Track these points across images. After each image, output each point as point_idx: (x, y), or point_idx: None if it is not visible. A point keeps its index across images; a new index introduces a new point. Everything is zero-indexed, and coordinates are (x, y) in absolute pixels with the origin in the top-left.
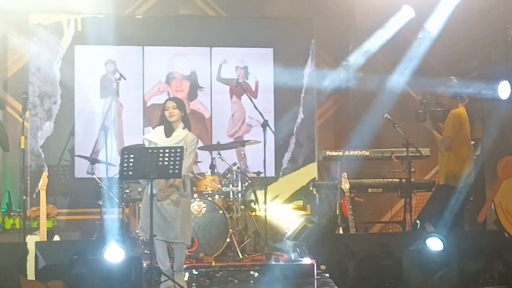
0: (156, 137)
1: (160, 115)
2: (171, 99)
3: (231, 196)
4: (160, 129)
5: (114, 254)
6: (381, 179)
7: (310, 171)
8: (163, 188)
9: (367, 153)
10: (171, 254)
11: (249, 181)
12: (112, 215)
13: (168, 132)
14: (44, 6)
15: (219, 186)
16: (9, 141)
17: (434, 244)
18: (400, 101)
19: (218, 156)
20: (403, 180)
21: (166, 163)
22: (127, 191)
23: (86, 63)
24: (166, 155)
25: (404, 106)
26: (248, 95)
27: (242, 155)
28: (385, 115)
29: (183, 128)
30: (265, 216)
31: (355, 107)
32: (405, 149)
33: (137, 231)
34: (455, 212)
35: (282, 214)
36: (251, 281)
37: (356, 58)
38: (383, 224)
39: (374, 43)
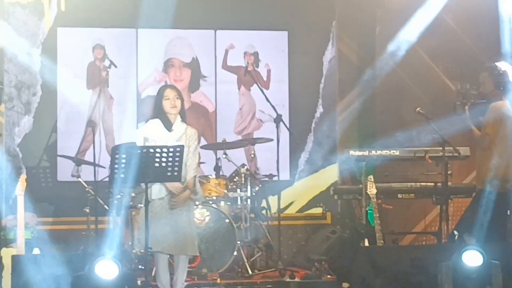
0: (154, 132)
1: (155, 106)
2: (171, 87)
3: (239, 202)
4: (157, 122)
5: (106, 269)
6: (413, 183)
7: (331, 174)
8: (178, 191)
9: (397, 153)
10: (169, 269)
11: (260, 186)
12: (100, 225)
13: (168, 126)
14: None
15: (225, 191)
16: None
17: (472, 258)
18: (435, 92)
19: (224, 156)
20: (439, 184)
21: (164, 164)
22: (118, 196)
23: (70, 48)
24: (164, 155)
25: (439, 98)
26: (258, 86)
27: (252, 155)
28: (418, 108)
29: (181, 122)
30: (279, 225)
31: (383, 99)
32: (440, 148)
33: (130, 243)
34: (498, 221)
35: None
36: None
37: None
38: (415, 235)
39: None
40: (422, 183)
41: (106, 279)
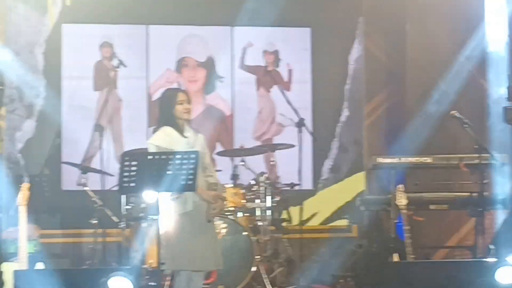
0: (168, 140)
1: (164, 111)
2: (182, 90)
3: (258, 214)
4: (168, 130)
5: (120, 287)
6: (446, 193)
7: (357, 183)
8: (214, 199)
9: (429, 160)
10: None
11: (281, 195)
12: (109, 238)
13: (181, 133)
14: None
15: (243, 201)
16: None
17: (507, 276)
18: (471, 94)
19: (242, 163)
20: (474, 194)
21: (177, 172)
22: (128, 207)
23: (76, 47)
24: (178, 161)
25: (475, 100)
26: (279, 87)
27: (272, 163)
28: (452, 112)
29: (189, 127)
30: (301, 239)
31: (414, 102)
32: (477, 155)
33: (150, 261)
34: None
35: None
36: None
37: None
38: (448, 250)
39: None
40: (456, 193)
41: None
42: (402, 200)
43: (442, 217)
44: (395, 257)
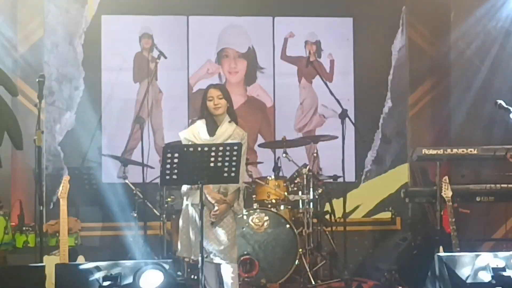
0: (196, 135)
1: (201, 106)
2: (214, 86)
3: (301, 206)
4: (201, 125)
5: (153, 279)
6: (493, 185)
7: (401, 175)
8: (218, 202)
9: (475, 152)
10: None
11: (323, 188)
12: (150, 230)
13: (212, 130)
14: None
15: (285, 193)
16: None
17: None
18: None
19: (284, 155)
20: None
21: (219, 164)
22: (169, 200)
23: (115, 38)
24: (220, 153)
25: None
26: (321, 78)
27: (314, 155)
28: (498, 101)
29: (229, 122)
30: (344, 231)
31: (459, 91)
32: None
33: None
34: None
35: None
36: None
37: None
38: (495, 242)
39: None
40: (502, 185)
41: None
42: (447, 192)
43: (489, 209)
44: (441, 250)
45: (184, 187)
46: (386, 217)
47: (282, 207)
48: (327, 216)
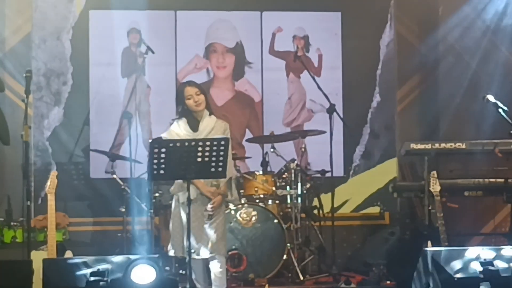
0: (180, 134)
1: (178, 106)
2: (189, 83)
3: (289, 201)
4: (180, 124)
5: (143, 274)
6: (481, 180)
7: (389, 169)
8: (212, 195)
9: (463, 146)
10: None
11: (312, 182)
12: (138, 226)
13: (194, 126)
14: None
15: (273, 188)
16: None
17: None
18: (505, 78)
19: (272, 150)
20: (510, 181)
21: (207, 159)
22: (157, 195)
23: (103, 33)
24: (207, 148)
25: (510, 84)
26: (309, 73)
27: (302, 149)
28: (486, 95)
29: (210, 116)
30: (332, 226)
31: (448, 86)
32: None
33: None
34: None
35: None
36: None
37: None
38: (483, 237)
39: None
40: (491, 179)
41: (143, 284)
42: (435, 187)
43: (477, 203)
44: (429, 244)
45: (175, 187)
46: (375, 211)
47: (270, 202)
48: (315, 211)
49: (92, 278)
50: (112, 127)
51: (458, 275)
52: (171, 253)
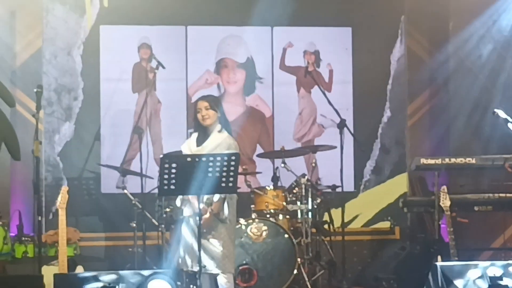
0: (189, 147)
1: (193, 118)
2: (202, 98)
3: (299, 216)
4: (194, 137)
5: None
6: (491, 194)
7: (400, 185)
8: (203, 211)
9: (473, 161)
10: None
11: (322, 197)
12: (148, 241)
13: (201, 140)
14: None
15: (284, 203)
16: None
17: None
18: None
19: (283, 165)
20: None
21: (217, 174)
22: (167, 210)
23: (114, 48)
24: (218, 163)
25: None
26: (320, 88)
27: (313, 164)
28: (496, 110)
29: (219, 132)
30: (343, 241)
31: (458, 101)
32: None
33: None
34: None
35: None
36: None
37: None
38: (493, 252)
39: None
40: (501, 194)
41: None
42: (446, 202)
43: (487, 218)
44: (439, 259)
45: (178, 201)
46: (385, 226)
47: (280, 217)
48: (326, 226)
49: None
50: (123, 142)
51: None
52: (182, 265)
